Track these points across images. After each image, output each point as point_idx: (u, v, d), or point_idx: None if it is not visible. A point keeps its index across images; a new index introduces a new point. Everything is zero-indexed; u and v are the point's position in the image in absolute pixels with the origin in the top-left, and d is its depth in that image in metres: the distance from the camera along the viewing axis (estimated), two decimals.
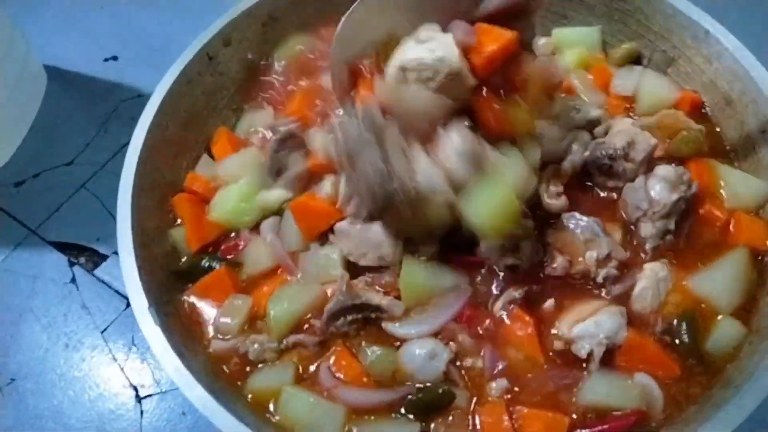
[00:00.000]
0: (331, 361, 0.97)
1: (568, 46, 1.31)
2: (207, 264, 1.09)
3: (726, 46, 1.13)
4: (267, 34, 1.31)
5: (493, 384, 0.95)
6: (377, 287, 1.01)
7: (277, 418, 0.94)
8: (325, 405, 0.93)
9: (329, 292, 1.01)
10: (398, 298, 1.00)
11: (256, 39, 1.30)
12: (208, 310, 1.06)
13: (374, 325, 0.99)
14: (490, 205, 0.90)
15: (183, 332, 0.96)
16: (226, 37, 1.25)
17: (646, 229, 1.04)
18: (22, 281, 1.37)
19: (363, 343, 0.98)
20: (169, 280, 1.05)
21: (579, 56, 1.28)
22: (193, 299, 1.07)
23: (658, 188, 1.04)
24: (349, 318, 0.97)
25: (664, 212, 1.03)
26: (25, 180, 1.51)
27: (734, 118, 1.15)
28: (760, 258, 1.05)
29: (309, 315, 1.00)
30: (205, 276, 1.07)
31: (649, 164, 1.09)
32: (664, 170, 1.06)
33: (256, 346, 0.98)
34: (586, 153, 1.10)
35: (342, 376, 0.96)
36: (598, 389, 0.92)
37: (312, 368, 0.98)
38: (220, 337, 1.03)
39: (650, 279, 0.99)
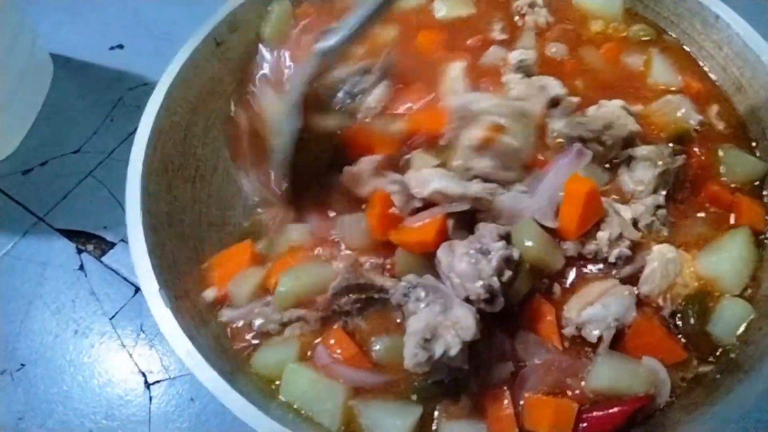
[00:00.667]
0: (331, 341, 0.97)
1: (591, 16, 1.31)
2: None
3: (736, 31, 1.13)
4: None
5: (498, 367, 0.94)
6: (384, 270, 1.00)
7: (281, 396, 0.95)
8: (326, 382, 0.93)
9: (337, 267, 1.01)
10: None
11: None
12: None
13: (377, 305, 0.98)
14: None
15: (194, 315, 0.97)
16: (232, 23, 1.25)
17: (637, 208, 1.04)
18: (30, 268, 1.38)
19: (364, 325, 0.98)
20: (180, 263, 1.06)
21: (603, 27, 1.28)
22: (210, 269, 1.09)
23: (639, 167, 1.05)
24: (353, 297, 0.97)
25: (651, 188, 1.03)
26: (33, 168, 1.52)
27: (745, 104, 1.15)
28: (761, 238, 1.05)
29: (316, 293, 1.00)
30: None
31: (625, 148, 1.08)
32: (642, 150, 1.06)
33: (260, 318, 0.99)
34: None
35: (339, 357, 0.96)
36: (607, 374, 0.92)
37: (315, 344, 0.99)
38: (229, 305, 1.04)
39: (659, 260, 0.98)
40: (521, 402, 0.91)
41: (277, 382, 0.96)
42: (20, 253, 1.40)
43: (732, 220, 1.06)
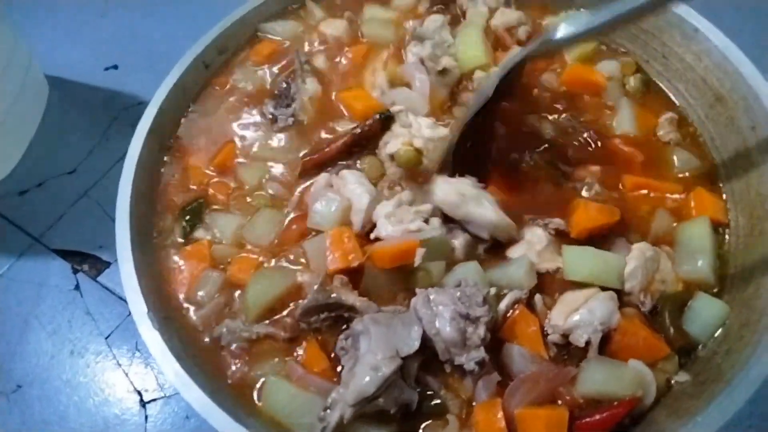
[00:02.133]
0: (302, 355, 0.99)
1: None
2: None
3: (715, 43, 1.14)
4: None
5: (480, 383, 0.94)
6: (353, 286, 1.00)
7: (263, 408, 0.95)
8: (305, 396, 0.94)
9: (302, 281, 1.03)
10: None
11: (249, 46, 1.32)
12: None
13: (346, 323, 0.99)
14: None
15: (182, 336, 0.98)
16: (220, 45, 1.27)
17: None
18: (27, 289, 1.40)
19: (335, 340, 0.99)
20: (168, 282, 1.07)
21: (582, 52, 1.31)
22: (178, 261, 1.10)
23: None
24: (322, 316, 0.98)
25: None
26: (29, 189, 1.54)
27: (724, 116, 1.16)
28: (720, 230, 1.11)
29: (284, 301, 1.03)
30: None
31: None
32: None
33: (225, 330, 1.00)
34: None
35: (312, 370, 0.97)
36: (596, 378, 0.93)
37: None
38: (193, 308, 1.05)
39: (639, 259, 1.01)
40: (514, 413, 0.91)
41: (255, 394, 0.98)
42: (16, 273, 1.42)
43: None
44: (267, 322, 1.01)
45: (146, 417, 1.23)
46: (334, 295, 0.97)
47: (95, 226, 1.46)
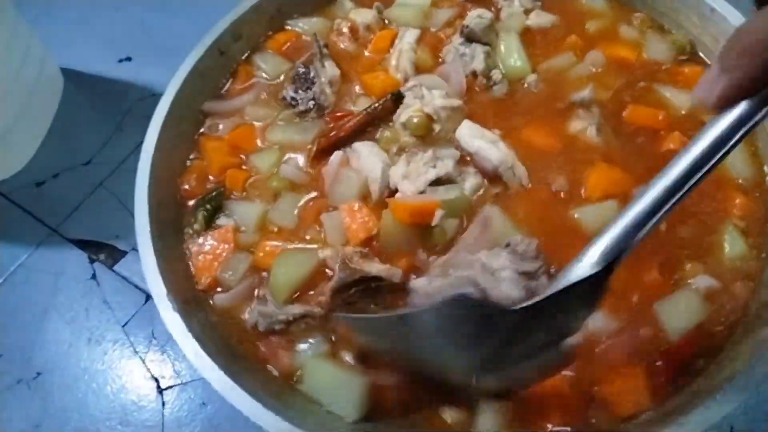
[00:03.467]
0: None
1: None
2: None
3: (732, 24, 1.13)
4: (274, 27, 1.34)
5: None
6: (371, 257, 1.02)
7: (301, 388, 0.97)
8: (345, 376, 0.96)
9: (323, 257, 1.04)
10: None
11: (264, 32, 1.32)
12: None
13: (378, 292, 1.00)
14: None
15: (201, 319, 0.98)
16: (236, 32, 1.27)
17: None
18: (44, 279, 1.41)
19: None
20: (185, 267, 1.08)
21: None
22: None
23: None
24: (351, 291, 0.99)
25: None
26: (46, 180, 1.55)
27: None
28: None
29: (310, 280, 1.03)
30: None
31: None
32: None
33: (264, 318, 1.00)
34: None
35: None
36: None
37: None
38: (221, 290, 1.06)
39: None
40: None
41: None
42: (34, 264, 1.43)
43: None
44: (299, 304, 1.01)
45: (163, 403, 1.24)
46: (357, 268, 0.97)
47: (111, 216, 1.47)
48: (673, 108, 1.16)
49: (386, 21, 1.37)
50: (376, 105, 1.17)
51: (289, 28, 1.38)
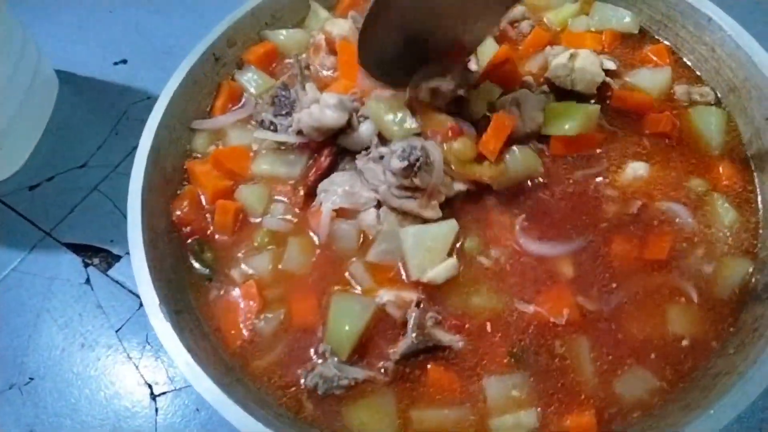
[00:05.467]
0: None
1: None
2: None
3: (728, 32, 1.13)
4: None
5: None
6: (443, 323, 1.00)
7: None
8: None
9: (389, 308, 1.00)
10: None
11: (259, 39, 1.32)
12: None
13: (440, 362, 0.98)
14: None
15: (193, 328, 0.98)
16: (230, 38, 1.27)
17: None
18: (38, 283, 1.40)
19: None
20: (179, 278, 1.07)
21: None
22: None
23: None
24: (420, 358, 0.97)
25: None
26: (40, 183, 1.55)
27: (738, 106, 1.15)
28: None
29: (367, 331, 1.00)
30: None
31: None
32: None
33: (320, 380, 0.96)
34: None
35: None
36: None
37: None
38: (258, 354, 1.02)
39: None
40: None
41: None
42: (28, 267, 1.43)
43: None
44: (362, 365, 0.98)
45: (156, 410, 1.23)
46: (432, 335, 0.96)
47: (106, 221, 1.47)
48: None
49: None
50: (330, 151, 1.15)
51: (268, 39, 1.35)
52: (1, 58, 1.44)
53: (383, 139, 1.08)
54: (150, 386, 1.26)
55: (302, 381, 0.97)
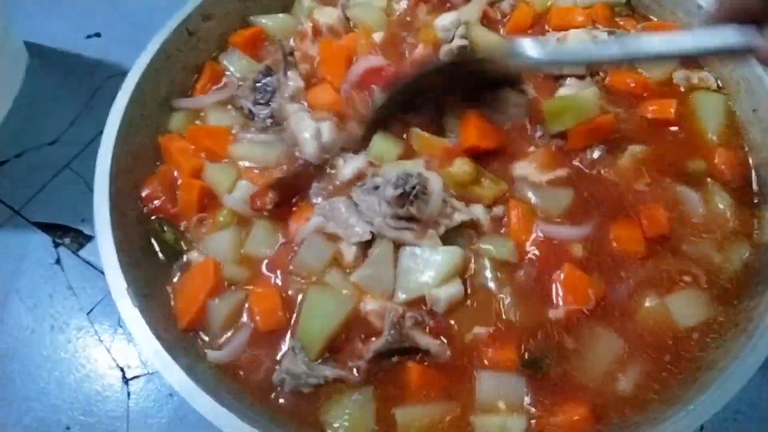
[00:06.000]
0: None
1: None
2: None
3: None
4: (248, 9, 1.29)
5: None
6: (426, 326, 0.95)
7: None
8: None
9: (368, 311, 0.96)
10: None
11: (237, 14, 1.28)
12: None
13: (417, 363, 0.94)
14: None
15: (162, 315, 0.95)
16: (206, 12, 1.23)
17: None
18: (6, 262, 1.36)
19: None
20: (148, 260, 1.04)
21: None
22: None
23: None
24: (394, 359, 0.93)
25: None
26: (8, 160, 1.49)
27: (726, 97, 1.14)
28: None
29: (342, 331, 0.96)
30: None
31: None
32: None
33: (287, 377, 0.92)
34: None
35: None
36: None
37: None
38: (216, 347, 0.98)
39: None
40: None
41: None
42: None
43: None
44: (333, 363, 0.93)
45: (129, 394, 1.21)
46: (409, 335, 0.92)
47: (77, 199, 1.42)
48: None
49: (351, 23, 1.31)
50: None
51: (255, 24, 1.32)
52: None
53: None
54: (122, 370, 1.24)
55: (271, 375, 0.94)
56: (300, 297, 0.98)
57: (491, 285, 0.97)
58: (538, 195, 1.05)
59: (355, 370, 0.92)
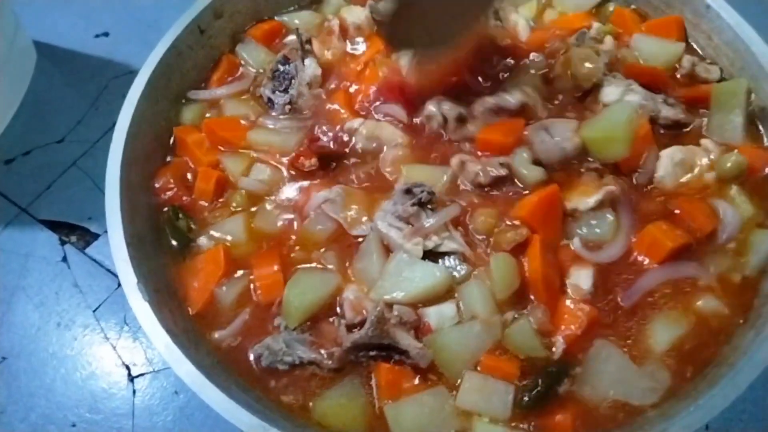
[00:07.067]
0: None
1: None
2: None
3: (727, 21, 1.12)
4: (258, 6, 1.30)
5: None
6: (408, 326, 0.94)
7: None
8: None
9: (345, 306, 0.97)
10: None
11: (247, 11, 1.29)
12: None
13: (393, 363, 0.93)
14: None
15: (172, 308, 0.95)
16: (217, 10, 1.23)
17: None
18: (13, 260, 1.36)
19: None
20: (159, 255, 1.04)
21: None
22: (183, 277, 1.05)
23: None
24: (372, 353, 0.93)
25: None
26: (16, 158, 1.50)
27: None
28: None
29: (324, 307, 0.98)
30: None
31: None
32: None
33: (266, 351, 0.95)
34: None
35: None
36: None
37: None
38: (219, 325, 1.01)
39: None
40: None
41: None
42: (2, 244, 1.38)
43: None
44: (310, 344, 0.94)
45: (134, 391, 1.21)
46: (390, 333, 0.91)
47: (84, 197, 1.42)
48: None
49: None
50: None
51: (276, 19, 1.35)
52: None
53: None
54: (128, 367, 1.23)
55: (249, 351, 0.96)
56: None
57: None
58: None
59: (328, 356, 0.93)
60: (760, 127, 1.12)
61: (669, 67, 1.17)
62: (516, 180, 1.05)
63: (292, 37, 1.30)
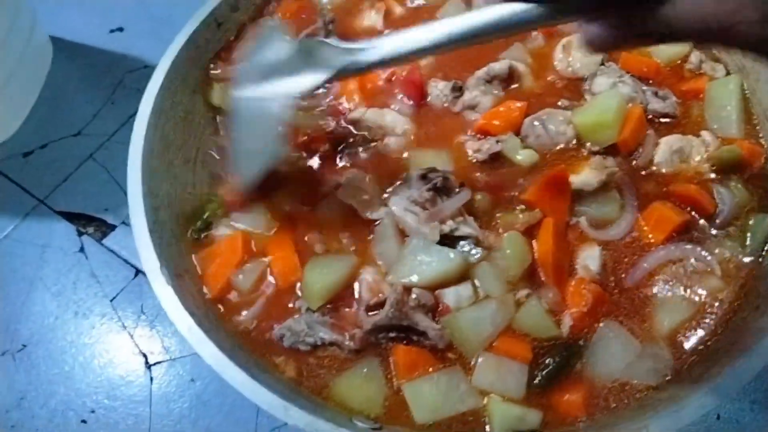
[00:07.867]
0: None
1: None
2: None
3: None
4: None
5: None
6: (428, 310, 0.95)
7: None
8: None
9: (362, 287, 1.00)
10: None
11: (263, 3, 1.30)
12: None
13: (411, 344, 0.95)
14: None
15: (193, 293, 0.97)
16: (233, 3, 1.24)
17: None
18: (31, 250, 1.38)
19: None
20: (179, 242, 1.06)
21: None
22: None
23: None
24: (391, 335, 0.95)
25: None
26: (33, 150, 1.52)
27: (746, 84, 1.15)
28: None
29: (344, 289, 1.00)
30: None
31: None
32: None
33: (288, 332, 0.96)
34: None
35: None
36: None
37: None
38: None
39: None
40: None
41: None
42: (21, 235, 1.41)
43: None
44: (331, 325, 0.96)
45: (151, 379, 1.23)
46: (409, 315, 0.93)
47: (100, 189, 1.44)
48: None
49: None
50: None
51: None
52: None
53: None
54: (145, 355, 1.25)
55: (272, 332, 0.98)
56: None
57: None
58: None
59: (350, 338, 0.95)
60: (757, 126, 1.13)
61: (673, 62, 1.19)
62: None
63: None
